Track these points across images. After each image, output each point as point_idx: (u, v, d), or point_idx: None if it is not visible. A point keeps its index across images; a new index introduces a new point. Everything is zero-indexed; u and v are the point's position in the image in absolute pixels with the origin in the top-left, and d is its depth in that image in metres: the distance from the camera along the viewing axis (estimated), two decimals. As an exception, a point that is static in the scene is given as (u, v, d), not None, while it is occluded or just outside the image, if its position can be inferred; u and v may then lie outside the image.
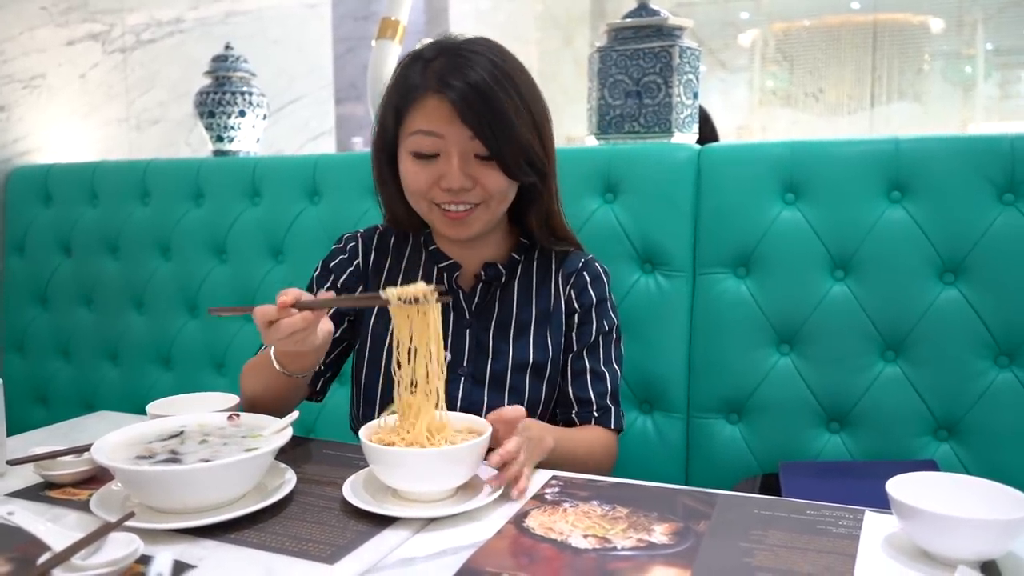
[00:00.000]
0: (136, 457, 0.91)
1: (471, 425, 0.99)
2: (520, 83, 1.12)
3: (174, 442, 0.96)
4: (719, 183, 1.46)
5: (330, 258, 1.28)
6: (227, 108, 2.02)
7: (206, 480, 0.86)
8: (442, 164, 1.11)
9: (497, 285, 1.23)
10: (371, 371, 1.22)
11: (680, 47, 1.56)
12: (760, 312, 1.42)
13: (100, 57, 2.32)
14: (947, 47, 4.89)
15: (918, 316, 1.34)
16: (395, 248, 1.28)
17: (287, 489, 0.93)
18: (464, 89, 1.07)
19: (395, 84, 1.16)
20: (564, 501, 0.94)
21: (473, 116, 1.08)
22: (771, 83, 5.34)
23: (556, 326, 1.24)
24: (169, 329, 1.93)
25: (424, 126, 1.10)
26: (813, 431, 1.41)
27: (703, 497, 0.96)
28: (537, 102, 1.15)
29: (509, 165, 1.11)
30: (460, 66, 1.09)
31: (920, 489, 0.82)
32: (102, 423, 1.33)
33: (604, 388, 1.24)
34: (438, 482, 0.92)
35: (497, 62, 1.11)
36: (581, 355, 1.24)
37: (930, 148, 1.35)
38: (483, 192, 1.13)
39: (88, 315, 2.03)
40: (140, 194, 1.97)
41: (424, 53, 1.14)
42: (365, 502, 0.91)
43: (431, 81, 1.10)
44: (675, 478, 1.46)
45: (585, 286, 1.26)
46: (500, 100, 1.08)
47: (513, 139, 1.10)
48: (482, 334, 1.21)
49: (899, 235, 1.35)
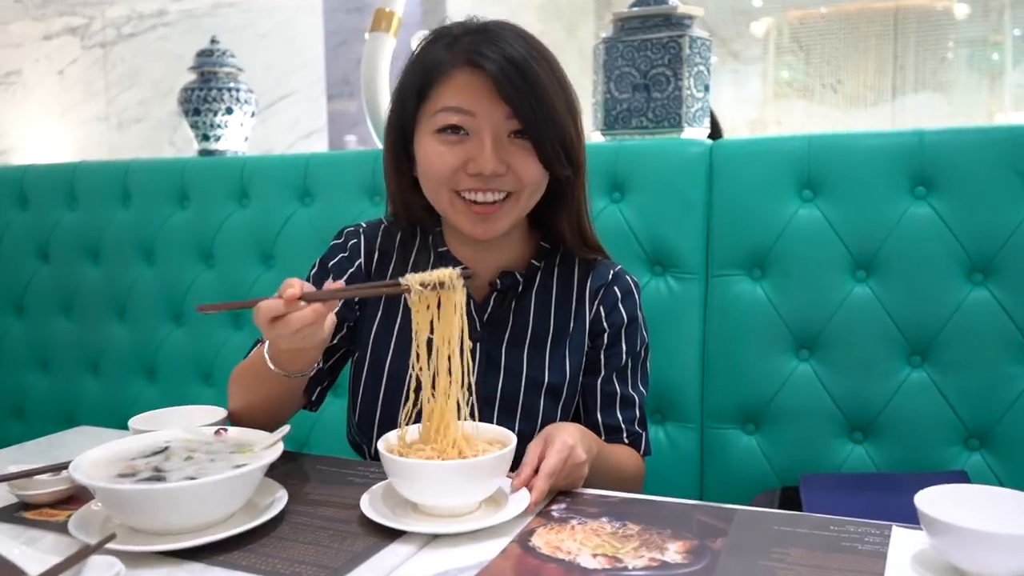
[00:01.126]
0: (118, 475, 0.90)
1: (495, 435, 0.99)
2: (554, 63, 1.10)
3: (158, 459, 0.96)
4: (732, 180, 1.45)
5: (329, 256, 1.24)
6: (213, 105, 2.02)
7: (192, 499, 0.85)
8: (472, 146, 1.07)
9: (513, 295, 1.19)
10: (371, 379, 1.19)
11: (690, 37, 1.56)
12: (777, 316, 1.42)
13: (79, 52, 2.33)
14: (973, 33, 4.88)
15: (945, 318, 1.33)
16: (400, 248, 1.23)
17: (278, 508, 0.93)
18: (502, 62, 1.03)
19: (415, 63, 1.11)
20: (572, 518, 0.94)
21: (513, 91, 1.03)
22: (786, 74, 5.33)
23: (576, 345, 1.19)
24: (153, 338, 1.93)
25: (453, 102, 1.06)
26: (835, 441, 1.40)
27: (719, 513, 0.95)
28: (570, 86, 1.11)
29: (546, 151, 1.07)
30: (493, 39, 1.06)
31: (951, 502, 0.82)
32: (82, 439, 1.33)
33: (633, 414, 1.21)
34: (459, 496, 0.92)
35: (530, 39, 1.09)
36: (611, 379, 1.20)
37: (956, 141, 1.34)
38: (516, 180, 1.08)
39: (67, 324, 2.03)
40: (121, 196, 1.97)
41: (448, 30, 1.11)
42: (383, 515, 0.91)
43: (459, 57, 1.06)
44: (689, 493, 1.46)
45: (615, 303, 1.21)
46: (539, 76, 1.05)
47: (552, 121, 1.06)
48: (493, 349, 1.17)
49: (924, 233, 1.34)
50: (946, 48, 4.90)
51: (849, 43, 5.05)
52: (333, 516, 0.94)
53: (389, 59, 1.91)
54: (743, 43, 5.38)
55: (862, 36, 5.02)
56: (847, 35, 5.05)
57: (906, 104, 4.96)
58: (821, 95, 5.17)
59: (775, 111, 5.38)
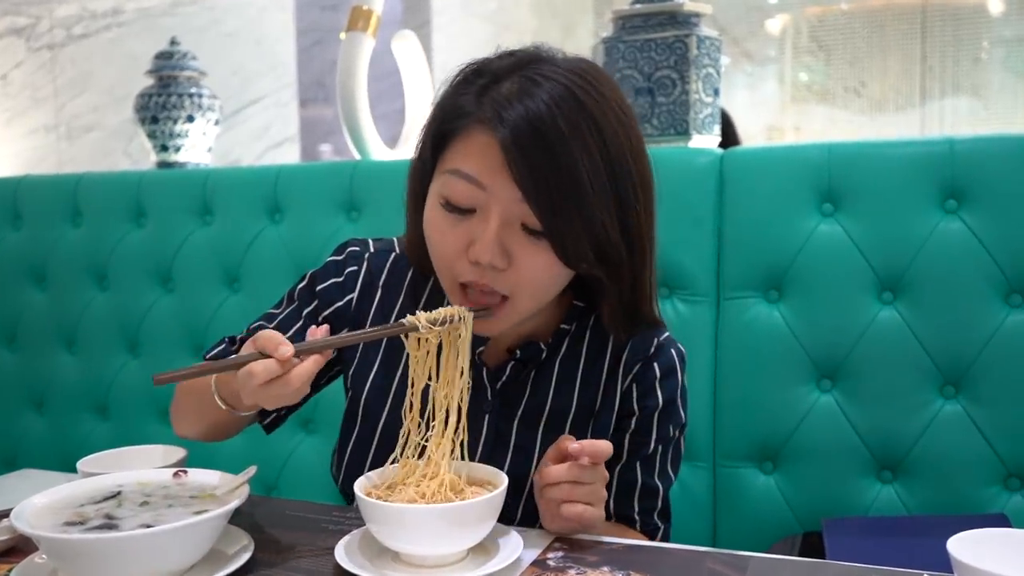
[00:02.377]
0: (65, 523, 0.90)
1: (484, 476, 0.99)
2: (607, 129, 0.95)
3: (110, 505, 0.95)
4: (745, 192, 1.46)
5: (321, 275, 1.17)
6: (173, 113, 2.03)
7: (148, 549, 0.85)
8: (476, 224, 0.96)
9: (534, 365, 1.12)
10: (364, 431, 1.16)
11: (697, 36, 1.58)
12: (796, 342, 1.43)
13: (24, 55, 2.34)
14: (1008, 32, 4.94)
15: (981, 344, 1.34)
16: (408, 295, 1.15)
17: (244, 558, 0.92)
18: (520, 125, 0.92)
19: (446, 96, 1.01)
20: (570, 567, 0.94)
21: (525, 169, 0.92)
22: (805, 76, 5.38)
23: (602, 425, 1.13)
24: (105, 371, 1.92)
25: (465, 167, 0.96)
26: (861, 481, 1.40)
27: (733, 561, 0.95)
28: (624, 162, 0.97)
29: (566, 247, 0.95)
30: (526, 92, 0.93)
31: (988, 548, 0.82)
32: (24, 483, 1.32)
33: (653, 504, 1.15)
34: (444, 544, 0.92)
35: (577, 92, 0.94)
36: (633, 467, 1.14)
37: (990, 149, 1.36)
38: (513, 279, 0.97)
39: (8, 355, 2.03)
40: (71, 213, 1.97)
41: (490, 67, 0.99)
42: (360, 567, 0.90)
43: (487, 108, 0.95)
44: (700, 538, 1.46)
45: (652, 385, 1.13)
46: (568, 148, 0.92)
47: (578, 214, 0.94)
48: (503, 424, 1.12)
49: (955, 250, 1.35)
50: (979, 48, 4.94)
51: (873, 42, 5.10)
52: (305, 567, 0.94)
53: (367, 61, 1.92)
54: (757, 42, 5.43)
55: (887, 35, 5.06)
56: (871, 34, 5.10)
57: (935, 109, 5.00)
58: (843, 99, 5.21)
59: (793, 116, 5.42)
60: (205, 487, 1.01)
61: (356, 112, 1.92)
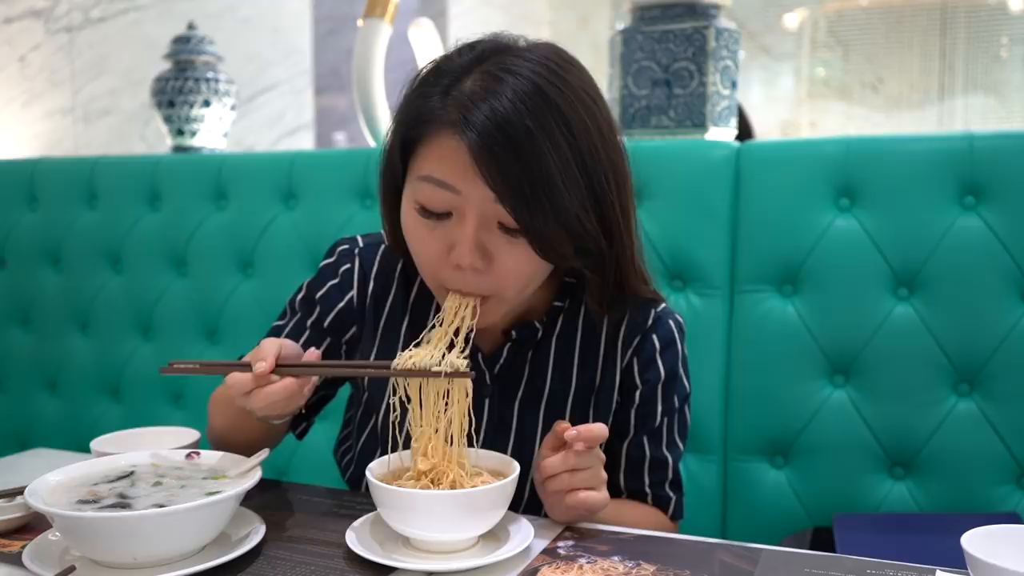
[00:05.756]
0: (78, 501, 0.91)
1: (496, 464, 1.00)
2: (574, 121, 0.94)
3: (123, 484, 0.96)
4: (761, 186, 1.46)
5: (317, 283, 1.18)
6: (189, 97, 2.04)
7: (160, 529, 0.85)
8: (454, 227, 0.96)
9: (530, 345, 1.13)
10: (370, 427, 1.18)
11: (716, 28, 1.57)
12: (810, 337, 1.42)
13: (42, 37, 2.35)
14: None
15: (997, 341, 1.33)
16: (400, 285, 1.16)
17: (255, 541, 0.93)
18: (486, 126, 0.90)
19: (409, 99, 0.99)
20: (580, 556, 0.94)
21: (495, 170, 0.91)
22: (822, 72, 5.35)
23: (604, 403, 1.14)
24: (118, 353, 1.93)
25: (436, 173, 0.95)
26: (873, 477, 1.40)
27: (744, 553, 0.95)
28: (594, 152, 0.96)
29: (544, 242, 0.95)
30: (490, 90, 0.92)
31: (1001, 545, 0.81)
32: (38, 462, 1.33)
33: (663, 475, 1.16)
34: (455, 530, 0.92)
35: (542, 86, 0.92)
36: (640, 442, 1.15)
37: (1009, 146, 1.35)
38: (494, 281, 0.97)
39: (23, 337, 2.04)
40: (86, 196, 1.98)
41: (451, 65, 0.97)
42: (370, 551, 0.91)
43: (452, 110, 0.93)
44: (710, 530, 1.46)
45: (653, 356, 1.14)
46: (537, 145, 0.91)
47: (553, 206, 0.93)
48: (505, 408, 1.12)
49: (973, 246, 1.34)
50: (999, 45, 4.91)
51: (892, 38, 5.07)
52: (315, 551, 0.94)
53: (384, 49, 1.92)
54: (775, 37, 5.41)
55: (906, 31, 5.04)
56: (890, 29, 5.07)
57: (954, 106, 4.97)
58: (860, 95, 5.19)
59: (809, 112, 5.39)
60: (217, 469, 1.01)
61: (372, 98, 1.92)
